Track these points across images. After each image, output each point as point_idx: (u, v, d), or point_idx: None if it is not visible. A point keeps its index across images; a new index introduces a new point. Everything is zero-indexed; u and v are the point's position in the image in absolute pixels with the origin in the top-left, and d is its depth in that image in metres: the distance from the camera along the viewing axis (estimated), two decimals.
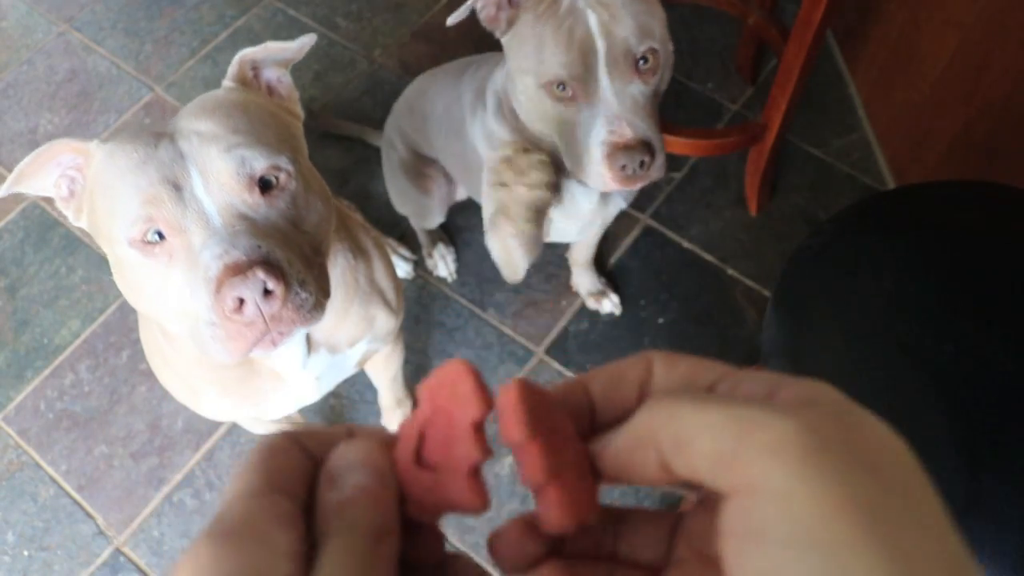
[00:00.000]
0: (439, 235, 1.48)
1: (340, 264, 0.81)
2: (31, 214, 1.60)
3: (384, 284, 0.89)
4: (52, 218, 1.59)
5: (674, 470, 0.24)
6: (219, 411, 0.86)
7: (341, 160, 1.61)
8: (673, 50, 0.87)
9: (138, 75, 1.77)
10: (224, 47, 1.80)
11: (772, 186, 1.52)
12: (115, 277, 0.68)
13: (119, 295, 1.46)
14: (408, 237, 1.51)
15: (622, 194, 1.06)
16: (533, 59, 0.84)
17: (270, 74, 0.76)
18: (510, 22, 0.86)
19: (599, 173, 0.84)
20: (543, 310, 1.44)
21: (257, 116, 0.68)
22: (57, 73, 1.79)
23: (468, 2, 0.84)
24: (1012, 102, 1.17)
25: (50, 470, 1.34)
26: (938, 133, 1.35)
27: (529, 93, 0.87)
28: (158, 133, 0.65)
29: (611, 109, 0.82)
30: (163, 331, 0.79)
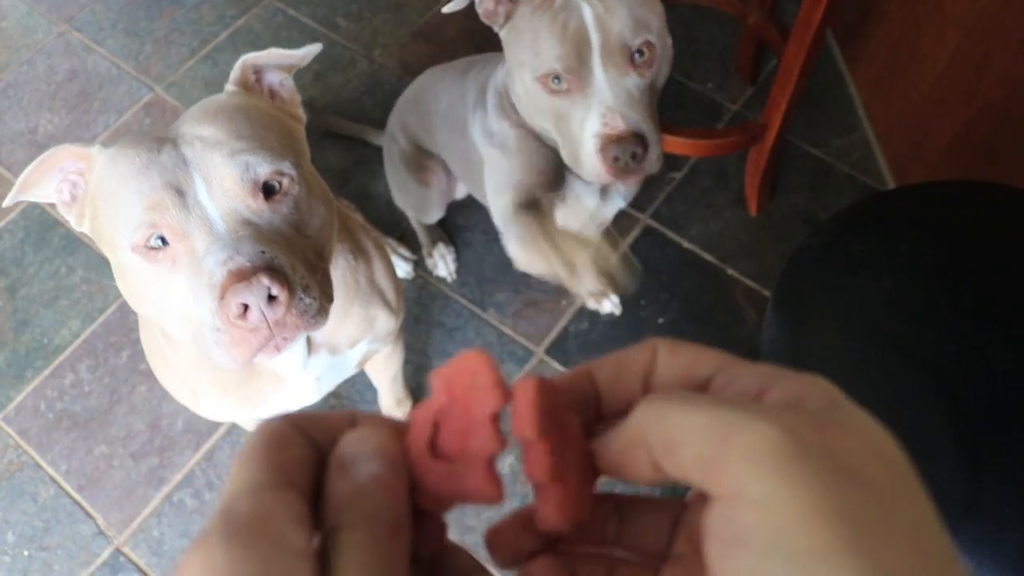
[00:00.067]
0: (439, 235, 1.48)
1: (340, 265, 0.81)
2: (31, 214, 1.60)
3: (384, 285, 0.89)
4: (52, 218, 1.59)
5: (665, 471, 0.24)
6: (219, 412, 0.86)
7: (341, 160, 1.61)
8: (672, 44, 0.87)
9: (138, 75, 1.77)
10: (224, 47, 1.80)
11: (772, 186, 1.52)
12: (117, 282, 0.68)
13: (119, 295, 1.46)
14: (408, 237, 1.51)
15: (621, 192, 1.07)
16: (529, 52, 0.84)
17: (272, 78, 0.76)
18: (507, 16, 0.87)
19: (593, 165, 0.84)
20: (543, 310, 1.44)
21: (260, 121, 0.68)
22: (57, 73, 1.79)
23: None
24: (1012, 102, 1.17)
25: (50, 470, 1.34)
26: (938, 133, 1.35)
27: (526, 86, 0.87)
28: (160, 138, 0.64)
29: (605, 101, 0.82)
30: (164, 333, 0.79)
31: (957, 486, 0.71)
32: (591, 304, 1.42)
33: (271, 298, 0.59)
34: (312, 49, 0.75)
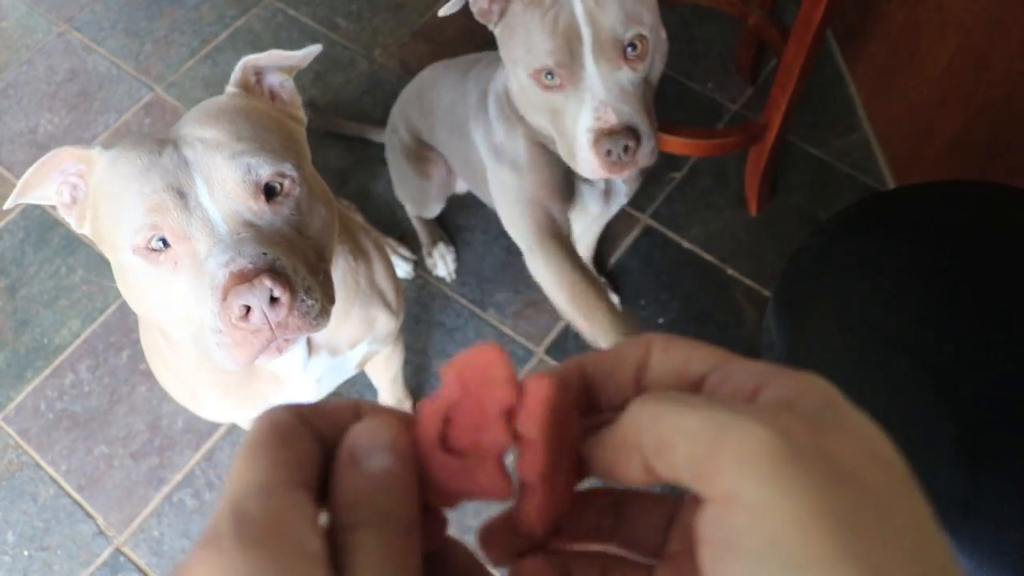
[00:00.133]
0: (439, 234, 1.48)
1: (341, 266, 0.81)
2: (31, 214, 1.60)
3: (384, 285, 0.89)
4: (52, 218, 1.59)
5: (657, 472, 0.24)
6: (219, 413, 0.86)
7: (341, 160, 1.61)
8: (666, 38, 0.87)
9: (138, 75, 1.77)
10: (224, 47, 1.80)
11: (772, 186, 1.52)
12: (118, 283, 0.68)
13: (119, 295, 1.46)
14: (408, 237, 1.51)
15: (624, 191, 1.07)
16: (522, 48, 0.84)
17: (273, 79, 0.76)
18: (501, 14, 0.87)
19: (587, 160, 0.84)
20: (543, 310, 1.44)
21: (261, 122, 0.68)
22: (57, 73, 1.79)
23: None
24: (1012, 102, 1.17)
25: (50, 470, 1.34)
26: (938, 133, 1.35)
27: (520, 83, 0.87)
28: (161, 139, 0.64)
29: (597, 96, 0.82)
30: (164, 334, 0.79)
31: (957, 486, 0.71)
32: None
33: (273, 300, 0.59)
34: (312, 50, 0.75)
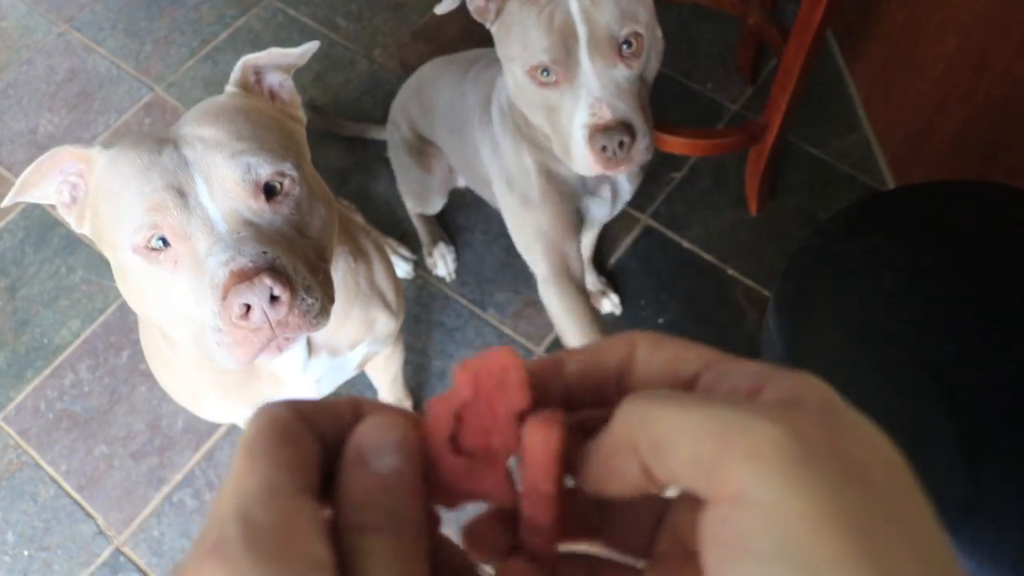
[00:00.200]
0: (439, 234, 1.48)
1: (341, 267, 0.81)
2: (31, 214, 1.60)
3: (384, 286, 0.89)
4: (52, 218, 1.59)
5: (655, 476, 0.23)
6: (219, 413, 0.86)
7: (341, 160, 1.61)
8: (662, 36, 0.87)
9: (138, 75, 1.77)
10: (224, 47, 1.80)
11: (772, 186, 1.52)
12: (118, 283, 0.68)
13: (119, 295, 1.46)
14: (408, 237, 1.51)
15: (628, 191, 1.07)
16: (518, 46, 0.85)
17: (272, 79, 0.76)
18: (498, 12, 0.87)
19: (583, 156, 0.85)
20: (543, 310, 1.43)
21: (261, 122, 0.68)
22: (57, 73, 1.79)
23: None
24: (1012, 102, 1.17)
25: (50, 470, 1.34)
26: (938, 133, 1.35)
27: (517, 80, 0.87)
28: (161, 139, 0.64)
29: (593, 92, 0.82)
30: (163, 335, 0.79)
31: (957, 486, 0.71)
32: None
33: (273, 298, 0.59)
34: (310, 47, 0.75)
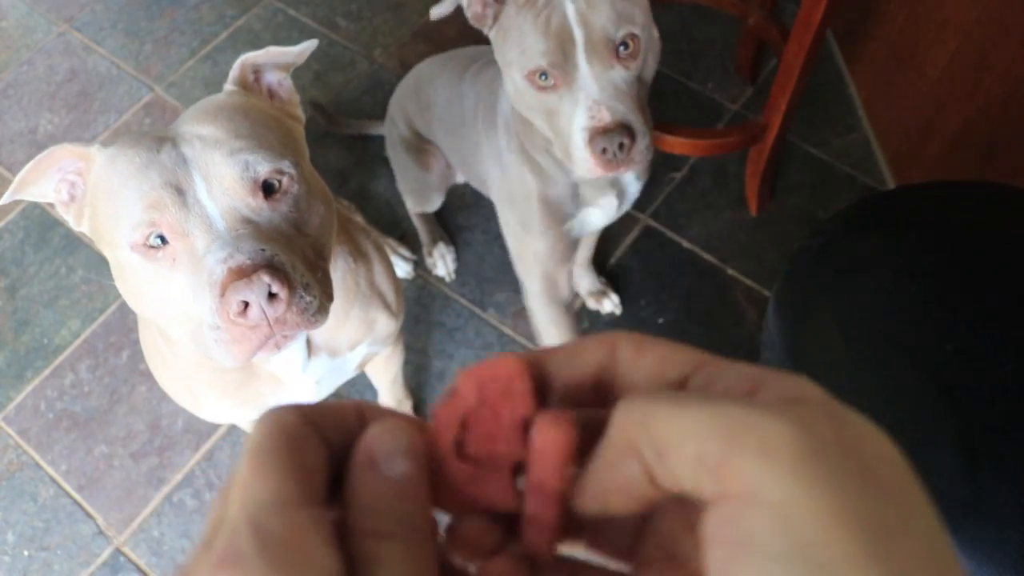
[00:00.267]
0: (439, 234, 1.49)
1: (340, 267, 0.81)
2: (31, 214, 1.60)
3: (384, 287, 0.89)
4: (52, 218, 1.59)
5: (659, 480, 0.22)
6: (218, 414, 0.86)
7: (341, 160, 1.61)
8: (658, 36, 0.87)
9: (138, 75, 1.77)
10: (224, 47, 1.80)
11: (772, 186, 1.52)
12: (116, 282, 0.68)
13: (119, 295, 1.45)
14: (408, 237, 1.51)
15: (634, 189, 1.07)
16: (516, 51, 0.85)
17: (271, 78, 0.76)
18: (495, 17, 0.87)
19: (583, 159, 0.85)
20: None
21: (259, 120, 0.68)
22: (57, 73, 1.79)
23: None
24: (1012, 102, 1.17)
25: (50, 470, 1.34)
26: (938, 133, 1.35)
27: (516, 85, 0.88)
28: (160, 137, 0.64)
29: (591, 95, 0.82)
30: (163, 335, 0.79)
31: (957, 486, 0.71)
32: (592, 304, 1.42)
33: (271, 295, 0.59)
34: (309, 45, 0.75)
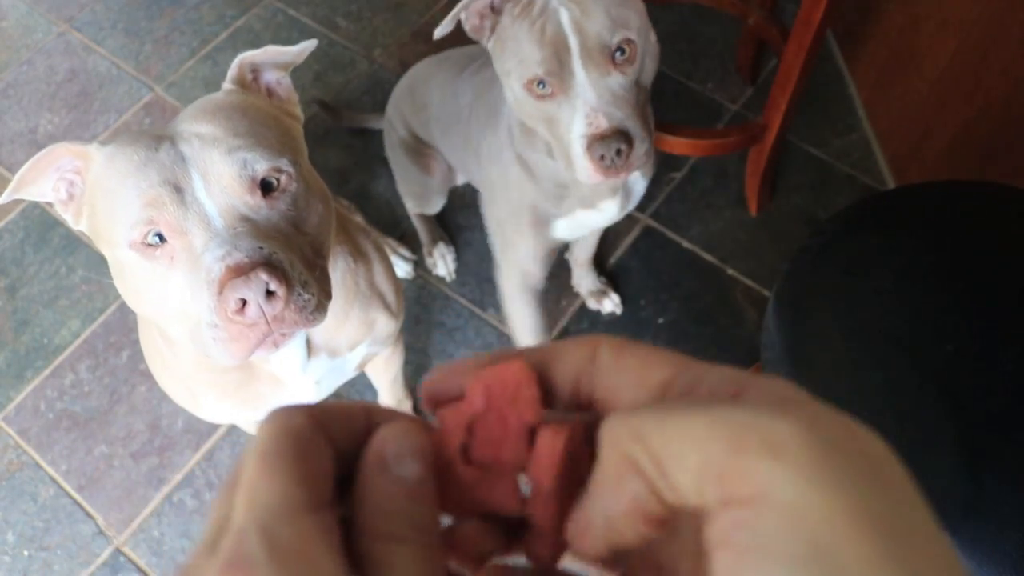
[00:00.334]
0: (439, 234, 1.49)
1: (340, 267, 0.81)
2: (31, 214, 1.60)
3: (384, 287, 0.89)
4: (52, 218, 1.59)
5: (663, 496, 0.21)
6: (218, 414, 0.86)
7: (341, 160, 1.61)
8: (656, 40, 0.87)
9: (138, 75, 1.77)
10: (224, 47, 1.80)
11: (772, 186, 1.52)
12: (115, 280, 0.68)
13: (119, 295, 1.46)
14: (408, 237, 1.51)
15: (640, 189, 1.07)
16: (513, 60, 0.85)
17: (270, 76, 0.76)
18: (492, 29, 0.88)
19: (583, 166, 0.85)
20: None
21: (257, 118, 0.68)
22: (57, 73, 1.79)
23: (453, 12, 0.85)
24: (1012, 102, 1.17)
25: (50, 470, 1.34)
26: (938, 133, 1.35)
27: (515, 94, 0.88)
28: (158, 136, 0.64)
29: (589, 102, 0.83)
30: (162, 335, 0.79)
31: (957, 486, 0.71)
32: (592, 304, 1.42)
33: (269, 293, 0.59)
34: (308, 45, 0.75)
